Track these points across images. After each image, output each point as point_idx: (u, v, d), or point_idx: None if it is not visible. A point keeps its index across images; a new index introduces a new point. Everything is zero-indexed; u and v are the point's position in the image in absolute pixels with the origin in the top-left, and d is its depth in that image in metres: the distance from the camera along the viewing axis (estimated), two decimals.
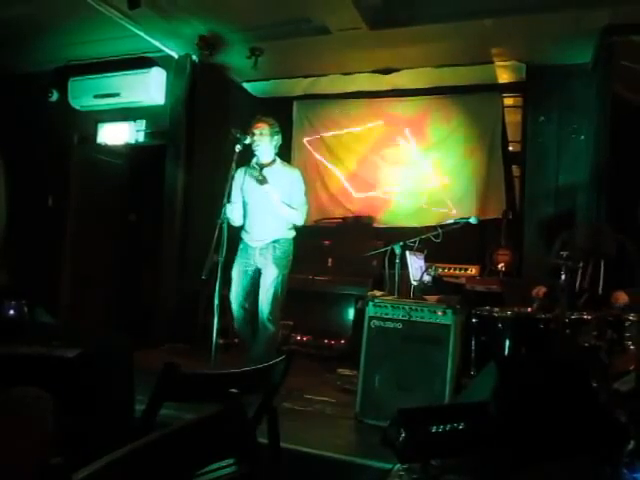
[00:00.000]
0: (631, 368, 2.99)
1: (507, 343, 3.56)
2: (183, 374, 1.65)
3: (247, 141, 3.86)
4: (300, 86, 6.37)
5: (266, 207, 3.91)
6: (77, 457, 0.85)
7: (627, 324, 3.32)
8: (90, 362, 1.58)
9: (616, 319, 3.36)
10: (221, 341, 3.84)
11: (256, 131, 3.90)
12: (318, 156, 6.60)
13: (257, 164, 3.99)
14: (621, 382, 2.93)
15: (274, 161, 4.02)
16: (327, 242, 5.83)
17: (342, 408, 3.57)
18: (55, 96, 6.02)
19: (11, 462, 0.68)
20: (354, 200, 6.41)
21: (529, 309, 3.81)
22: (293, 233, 4.04)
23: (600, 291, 3.76)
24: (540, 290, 3.98)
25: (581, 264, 3.78)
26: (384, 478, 2.36)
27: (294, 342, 5.21)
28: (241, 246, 4.01)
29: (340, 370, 4.45)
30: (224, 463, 1.58)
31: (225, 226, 3.71)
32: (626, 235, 3.86)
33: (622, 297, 3.67)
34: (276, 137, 3.98)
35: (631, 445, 1.82)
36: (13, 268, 3.85)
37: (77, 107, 5.92)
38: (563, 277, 3.51)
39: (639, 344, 3.12)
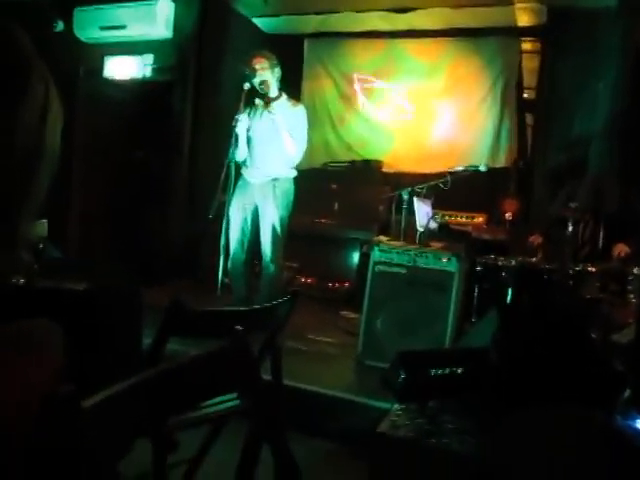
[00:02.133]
0: (631, 321, 3.03)
1: (510, 292, 3.59)
2: (189, 310, 1.68)
3: (256, 79, 3.78)
4: (311, 23, 6.17)
5: (270, 142, 3.86)
6: (86, 388, 0.87)
7: (630, 277, 3.34)
8: (99, 296, 1.61)
9: (619, 272, 3.37)
10: (226, 280, 3.88)
11: (257, 66, 3.83)
12: (329, 96, 6.47)
13: (262, 101, 3.92)
14: (621, 334, 2.97)
15: (280, 96, 3.96)
16: (335, 185, 5.79)
17: (344, 349, 3.64)
18: (60, 26, 5.85)
19: (22, 397, 0.70)
20: (363, 143, 6.32)
21: (533, 259, 3.82)
22: (294, 173, 4.00)
23: (600, 244, 3.75)
24: (536, 239, 3.99)
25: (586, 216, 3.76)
26: (382, 417, 2.43)
27: (299, 284, 5.27)
28: (240, 182, 3.96)
29: (343, 312, 4.52)
30: (228, 397, 1.63)
31: (232, 166, 3.68)
32: (637, 187, 3.82)
33: (622, 249, 3.67)
34: (276, 70, 3.91)
35: (627, 394, 1.86)
36: None
37: (83, 39, 5.77)
38: (570, 228, 3.50)
39: None
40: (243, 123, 3.84)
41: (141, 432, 1.02)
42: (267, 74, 3.84)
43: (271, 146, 3.86)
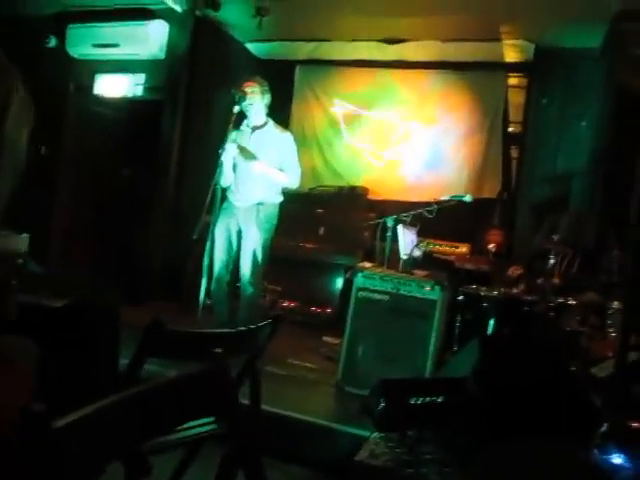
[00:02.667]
0: (610, 354, 3.05)
1: (491, 322, 3.61)
2: (169, 331, 1.66)
3: (245, 102, 3.81)
4: (304, 50, 6.26)
5: (254, 170, 3.87)
6: (58, 407, 0.85)
7: (610, 311, 3.38)
8: (77, 313, 1.58)
9: (599, 306, 3.41)
10: (208, 301, 3.85)
11: (247, 90, 3.84)
12: (317, 122, 6.53)
13: (249, 126, 3.94)
14: (599, 367, 2.99)
15: (266, 123, 3.98)
16: (320, 210, 5.81)
17: (324, 375, 3.62)
18: (53, 42, 5.87)
19: None
20: (350, 170, 6.37)
21: (515, 290, 3.85)
22: (280, 198, 4.01)
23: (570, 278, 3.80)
24: (515, 270, 4.04)
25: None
26: (361, 445, 2.40)
27: (281, 308, 5.24)
28: (225, 205, 3.95)
29: (325, 338, 4.50)
30: (204, 421, 1.60)
31: (219, 188, 3.69)
32: (618, 224, 3.89)
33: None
34: (266, 96, 3.93)
35: (604, 428, 1.87)
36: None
37: (75, 55, 5.78)
38: (552, 261, 3.54)
39: (620, 331, 3.17)
40: (229, 152, 3.83)
41: (114, 455, 1.00)
42: (256, 99, 3.86)
43: (257, 177, 3.87)
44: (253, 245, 3.86)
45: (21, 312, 1.50)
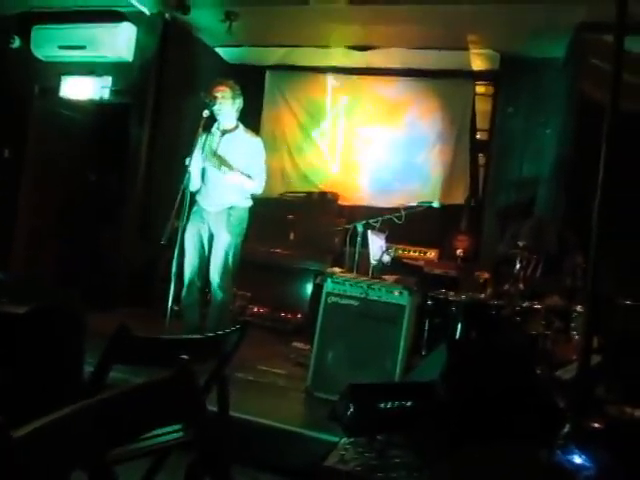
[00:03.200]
0: (574, 357, 3.12)
1: (459, 326, 3.66)
2: (134, 337, 1.64)
3: (215, 106, 3.78)
4: (274, 56, 6.27)
5: (224, 174, 3.85)
6: (20, 416, 0.83)
7: (574, 315, 3.46)
8: (39, 320, 1.55)
9: (563, 309, 3.49)
10: (176, 307, 3.81)
11: (218, 94, 3.82)
12: (287, 126, 6.54)
13: (219, 129, 3.93)
14: (563, 370, 3.05)
15: (237, 127, 3.97)
16: (290, 216, 5.81)
17: (294, 381, 3.60)
18: (17, 43, 5.74)
19: None
20: (320, 175, 6.40)
21: (482, 295, 3.92)
22: (250, 202, 4.00)
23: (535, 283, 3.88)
24: (482, 275, 4.12)
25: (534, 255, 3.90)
26: (330, 450, 2.40)
27: (251, 313, 5.22)
28: (194, 209, 3.91)
29: (295, 344, 4.49)
30: (171, 429, 1.58)
31: (188, 192, 3.65)
32: (581, 230, 3.99)
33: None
34: (238, 100, 3.91)
35: (566, 428, 1.91)
36: None
37: (40, 57, 5.67)
38: (518, 266, 3.60)
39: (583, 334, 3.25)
40: (195, 161, 3.79)
41: (77, 465, 0.98)
42: (227, 103, 3.84)
43: (226, 182, 3.85)
44: (224, 249, 3.83)
45: None
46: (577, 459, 1.74)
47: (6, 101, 5.68)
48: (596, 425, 2.13)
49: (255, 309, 5.30)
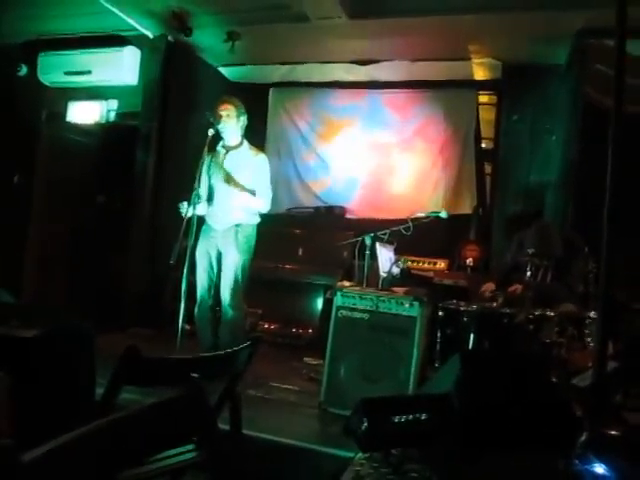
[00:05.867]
0: (589, 364, 3.07)
1: (471, 337, 3.62)
2: (144, 358, 1.63)
3: (220, 125, 3.81)
4: (277, 73, 6.32)
5: (231, 192, 3.87)
6: (32, 438, 0.83)
7: (587, 322, 3.41)
8: (49, 343, 1.55)
9: (577, 316, 3.44)
10: (187, 327, 3.80)
11: (222, 113, 3.85)
12: (292, 143, 6.57)
13: (224, 147, 3.95)
14: (579, 378, 3.00)
15: (241, 144, 3.99)
16: (298, 231, 5.82)
17: (307, 396, 3.58)
18: (24, 70, 5.84)
19: None
20: (326, 189, 6.41)
21: (494, 304, 3.88)
22: (257, 219, 4.01)
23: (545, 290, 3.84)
24: (489, 287, 4.08)
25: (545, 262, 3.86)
26: (345, 467, 2.37)
27: (262, 330, 5.20)
28: (204, 228, 3.95)
29: (307, 359, 4.46)
30: (183, 449, 1.57)
31: (195, 212, 3.67)
32: (590, 236, 3.96)
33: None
34: (242, 118, 3.94)
35: (584, 437, 1.87)
36: None
37: (47, 83, 5.76)
38: (528, 273, 3.57)
39: (597, 340, 3.20)
40: (204, 167, 3.83)
41: None
42: (232, 121, 3.87)
43: (233, 193, 3.87)
44: (233, 267, 3.84)
45: None
46: (597, 468, 1.70)
47: (15, 128, 5.76)
48: (614, 432, 2.09)
49: (266, 325, 5.29)
